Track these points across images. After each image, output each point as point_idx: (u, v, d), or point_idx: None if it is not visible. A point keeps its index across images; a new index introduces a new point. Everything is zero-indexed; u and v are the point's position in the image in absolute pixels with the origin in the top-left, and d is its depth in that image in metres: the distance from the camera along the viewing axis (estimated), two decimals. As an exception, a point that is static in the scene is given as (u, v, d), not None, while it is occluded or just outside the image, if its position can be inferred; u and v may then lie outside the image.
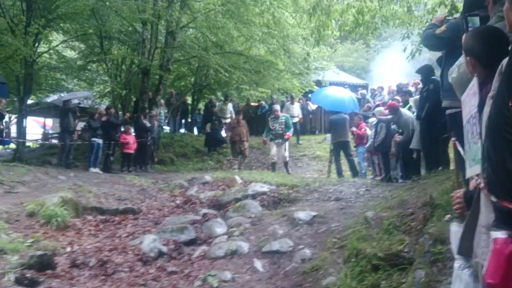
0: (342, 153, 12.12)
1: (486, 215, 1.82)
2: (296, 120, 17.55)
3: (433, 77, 7.84)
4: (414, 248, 4.05)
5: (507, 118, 1.55)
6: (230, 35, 16.50)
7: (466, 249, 2.09)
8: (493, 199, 1.68)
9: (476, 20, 3.29)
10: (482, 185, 1.81)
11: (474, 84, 2.44)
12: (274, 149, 12.96)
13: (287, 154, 13.20)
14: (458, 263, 2.54)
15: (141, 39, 16.11)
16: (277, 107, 13.99)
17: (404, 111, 9.60)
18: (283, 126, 12.84)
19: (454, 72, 3.04)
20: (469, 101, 2.51)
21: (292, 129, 13.73)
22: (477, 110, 2.31)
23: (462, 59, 2.83)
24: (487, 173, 1.76)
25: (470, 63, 2.33)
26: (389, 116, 10.39)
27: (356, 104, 13.49)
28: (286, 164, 13.13)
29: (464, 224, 2.26)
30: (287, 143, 13.18)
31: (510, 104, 1.52)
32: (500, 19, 2.64)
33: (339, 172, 12.02)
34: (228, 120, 17.35)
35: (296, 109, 18.12)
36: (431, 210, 4.46)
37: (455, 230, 2.66)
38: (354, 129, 12.84)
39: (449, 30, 4.24)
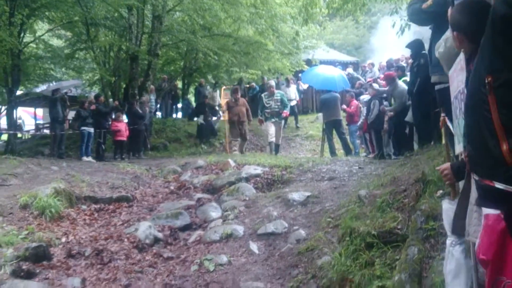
0: (334, 132, 12.10)
1: (475, 193, 1.82)
2: (294, 103, 17.50)
3: (423, 52, 7.81)
4: (407, 225, 4.08)
5: (484, 95, 1.52)
6: (217, 17, 16.32)
7: (460, 228, 2.09)
8: (475, 177, 1.67)
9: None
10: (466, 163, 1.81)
11: (461, 59, 2.41)
12: (272, 129, 11.98)
13: (281, 134, 12.66)
14: (450, 239, 2.56)
15: (127, 25, 15.94)
16: (272, 82, 13.09)
17: (400, 82, 9.61)
18: (279, 104, 12.04)
19: (440, 47, 3.01)
20: (457, 76, 2.50)
21: (288, 107, 13.01)
22: (464, 86, 2.29)
23: (448, 34, 2.80)
24: (469, 151, 1.74)
25: (457, 38, 2.25)
26: (384, 89, 10.40)
27: (347, 82, 13.45)
28: (278, 146, 12.49)
29: (456, 202, 2.26)
30: (282, 123, 12.62)
31: (487, 81, 1.50)
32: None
33: (332, 151, 12.02)
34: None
35: (292, 92, 18.08)
36: (423, 186, 4.48)
37: (447, 207, 2.68)
38: (345, 107, 12.85)
39: (435, 4, 4.20)
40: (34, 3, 14.66)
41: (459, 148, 2.43)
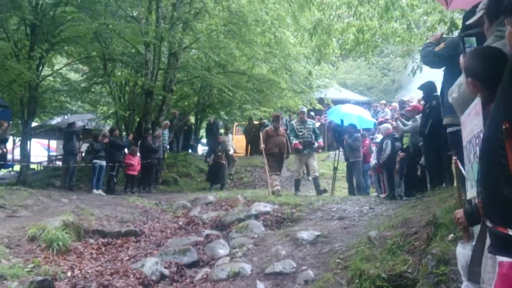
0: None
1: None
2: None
3: (435, 94, 7.83)
4: (417, 269, 3.99)
5: (500, 141, 1.51)
6: (232, 55, 16.61)
7: (476, 275, 2.04)
8: (489, 224, 1.64)
9: (473, 40, 3.27)
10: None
11: (476, 103, 2.40)
12: (301, 164, 11.05)
13: (316, 166, 11.20)
14: (464, 285, 2.48)
15: (144, 61, 16.24)
16: (304, 109, 11.90)
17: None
18: (311, 133, 10.85)
19: (454, 92, 3.00)
20: (471, 121, 2.48)
21: (321, 137, 11.88)
22: (481, 130, 2.27)
23: (461, 79, 2.80)
24: (482, 197, 1.72)
25: (471, 83, 2.26)
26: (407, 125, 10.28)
27: (371, 121, 13.32)
28: (316, 179, 10.97)
29: (469, 247, 2.22)
30: (315, 154, 11.36)
31: (504, 127, 1.49)
32: (497, 39, 2.61)
33: (352, 192, 11.47)
34: (231, 152, 15.85)
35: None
36: (435, 229, 4.41)
37: (459, 251, 2.62)
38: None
39: (448, 47, 4.23)
40: (54, 38, 15.07)
41: (472, 192, 2.39)
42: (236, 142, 19.04)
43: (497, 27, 2.77)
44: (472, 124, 2.49)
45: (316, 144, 10.94)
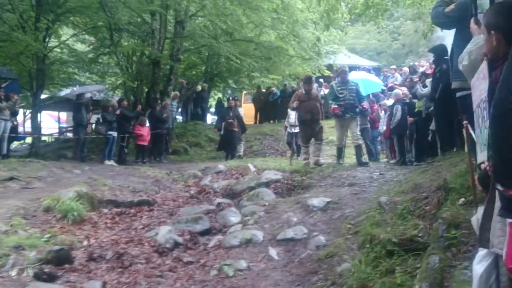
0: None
1: (499, 203, 1.79)
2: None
3: (446, 57, 7.71)
4: (428, 233, 4.02)
5: (511, 104, 1.50)
6: (239, 22, 16.44)
7: (486, 240, 2.05)
8: (499, 187, 1.64)
9: (486, 4, 3.20)
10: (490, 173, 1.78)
11: (483, 67, 2.37)
12: (339, 130, 9.83)
13: (359, 132, 10.09)
14: (481, 250, 2.50)
15: (150, 30, 16.13)
16: (346, 68, 10.45)
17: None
18: (354, 94, 9.53)
19: (464, 60, 2.95)
20: (479, 85, 2.46)
21: (366, 99, 10.61)
22: (487, 94, 2.24)
23: (470, 46, 2.75)
24: (493, 161, 1.71)
25: (495, 38, 2.15)
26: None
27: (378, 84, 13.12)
28: (359, 147, 9.71)
29: (482, 214, 2.22)
30: (358, 119, 10.18)
31: None
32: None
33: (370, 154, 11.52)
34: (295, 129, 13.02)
35: None
36: (445, 193, 4.43)
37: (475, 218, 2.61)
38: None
39: (458, 9, 4.15)
40: (59, 9, 14.96)
41: (481, 156, 2.38)
42: (245, 111, 18.97)
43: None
44: (480, 88, 2.47)
45: (360, 108, 9.67)
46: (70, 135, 18.57)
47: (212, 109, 26.14)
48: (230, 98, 16.01)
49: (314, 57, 19.37)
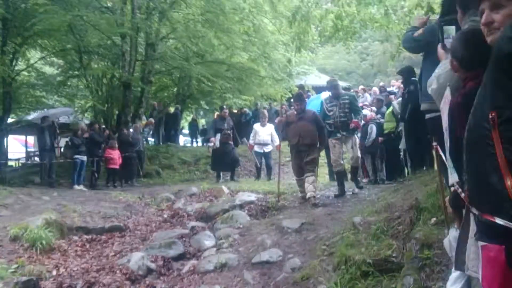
0: None
1: (474, 226, 1.81)
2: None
3: (414, 78, 7.91)
4: (402, 253, 4.05)
5: (487, 130, 1.53)
6: (211, 44, 16.48)
7: (461, 263, 2.07)
8: (475, 211, 1.66)
9: (452, 29, 3.29)
10: (464, 197, 1.80)
11: (447, 94, 2.46)
12: (336, 150, 8.27)
13: (358, 153, 8.63)
14: (454, 271, 2.53)
15: (120, 52, 16.00)
16: (336, 82, 8.90)
17: None
18: (347, 110, 8.19)
19: (433, 84, 3.02)
20: (446, 109, 2.52)
21: (362, 114, 9.03)
22: (447, 119, 2.34)
23: (439, 70, 2.83)
24: (468, 185, 1.74)
25: (452, 64, 2.35)
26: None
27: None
28: (355, 170, 8.87)
29: (458, 237, 2.25)
30: (356, 138, 8.75)
31: (491, 117, 1.51)
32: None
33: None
34: (266, 148, 11.88)
35: None
36: (417, 213, 4.48)
37: (454, 235, 2.64)
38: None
39: (426, 33, 4.25)
40: (27, 32, 14.70)
41: (452, 178, 2.43)
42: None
43: (470, 17, 2.80)
44: (446, 112, 2.54)
45: (352, 125, 8.10)
46: (37, 159, 18.15)
47: (185, 131, 26.02)
48: (224, 107, 14.53)
49: (286, 78, 19.57)
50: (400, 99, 9.25)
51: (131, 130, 14.68)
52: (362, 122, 9.52)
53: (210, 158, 12.20)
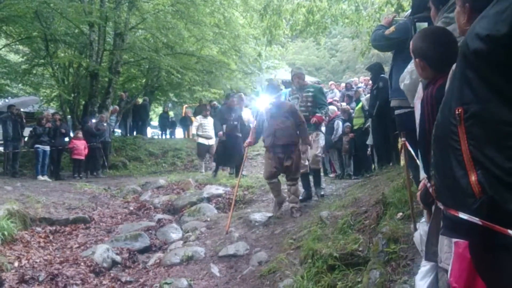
0: None
1: None
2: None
3: (383, 75, 8.02)
4: (368, 247, 4.10)
5: (454, 126, 1.55)
6: (180, 35, 16.34)
7: (433, 254, 2.10)
8: (441, 206, 1.69)
9: (425, 26, 3.32)
10: (432, 191, 1.83)
11: (419, 90, 2.48)
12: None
13: (319, 152, 7.38)
14: (423, 264, 2.57)
15: (88, 42, 15.65)
16: (301, 70, 7.71)
17: None
18: (309, 104, 7.19)
19: (406, 79, 3.05)
20: (419, 104, 2.55)
21: (327, 109, 7.62)
22: (420, 115, 2.35)
23: (411, 67, 2.86)
24: (435, 180, 1.77)
25: (419, 65, 2.31)
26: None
27: None
28: (317, 172, 7.48)
29: (428, 229, 2.29)
30: (321, 135, 7.36)
31: (457, 112, 1.53)
32: (445, 25, 2.67)
33: None
34: (211, 141, 11.96)
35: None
36: (384, 208, 4.53)
37: (425, 230, 2.68)
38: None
39: (398, 31, 4.27)
40: (-9, 18, 14.24)
41: (423, 174, 2.47)
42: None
43: (444, 14, 2.83)
44: (419, 108, 2.57)
45: (313, 120, 7.02)
46: (1, 149, 17.62)
47: (154, 123, 25.70)
48: (231, 94, 12.46)
49: (256, 71, 19.56)
50: (368, 95, 9.36)
51: (96, 120, 14.38)
52: (327, 118, 9.08)
53: (215, 150, 11.03)
